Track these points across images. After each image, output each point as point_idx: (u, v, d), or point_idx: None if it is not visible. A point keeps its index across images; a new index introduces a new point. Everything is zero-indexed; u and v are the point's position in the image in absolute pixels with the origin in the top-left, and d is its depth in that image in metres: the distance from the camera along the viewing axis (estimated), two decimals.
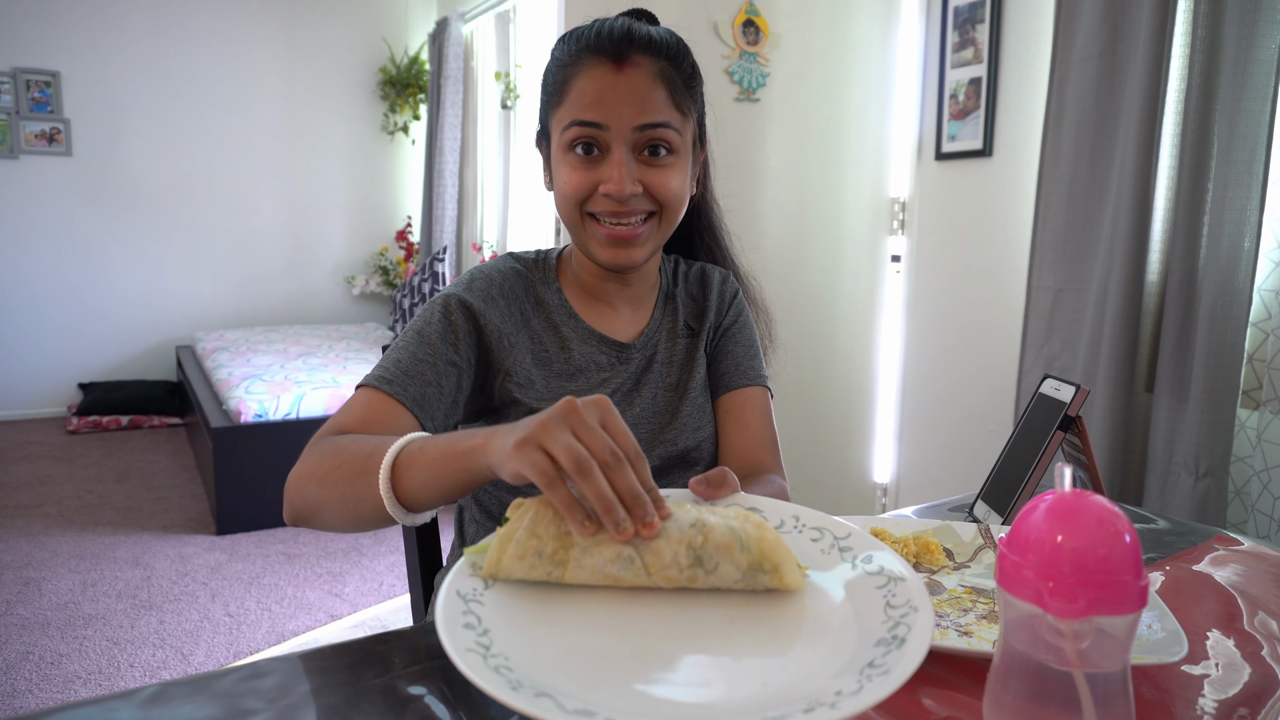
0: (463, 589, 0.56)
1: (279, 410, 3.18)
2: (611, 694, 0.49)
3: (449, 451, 0.68)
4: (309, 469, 0.78)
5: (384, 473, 0.71)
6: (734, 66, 2.52)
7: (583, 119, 0.90)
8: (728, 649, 0.54)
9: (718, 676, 0.51)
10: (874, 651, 0.51)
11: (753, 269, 1.23)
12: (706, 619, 0.57)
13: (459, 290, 0.95)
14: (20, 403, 4.42)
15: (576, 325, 1.01)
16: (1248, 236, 1.63)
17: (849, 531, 0.64)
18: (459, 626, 0.52)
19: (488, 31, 4.23)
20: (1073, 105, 1.94)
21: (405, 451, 0.71)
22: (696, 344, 1.07)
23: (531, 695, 0.46)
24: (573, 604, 0.58)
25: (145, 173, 4.54)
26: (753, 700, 0.48)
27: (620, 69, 0.90)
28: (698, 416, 1.04)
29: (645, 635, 0.55)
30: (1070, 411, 0.92)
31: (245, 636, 2.28)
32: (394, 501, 0.71)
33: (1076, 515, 0.45)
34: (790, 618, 0.57)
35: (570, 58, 0.92)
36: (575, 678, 0.50)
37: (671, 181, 0.93)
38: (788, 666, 0.52)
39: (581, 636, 0.55)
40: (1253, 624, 0.71)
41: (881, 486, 2.81)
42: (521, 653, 0.51)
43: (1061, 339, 1.99)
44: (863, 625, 0.55)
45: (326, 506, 0.77)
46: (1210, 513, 1.66)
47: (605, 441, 0.58)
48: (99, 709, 0.53)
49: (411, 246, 5.08)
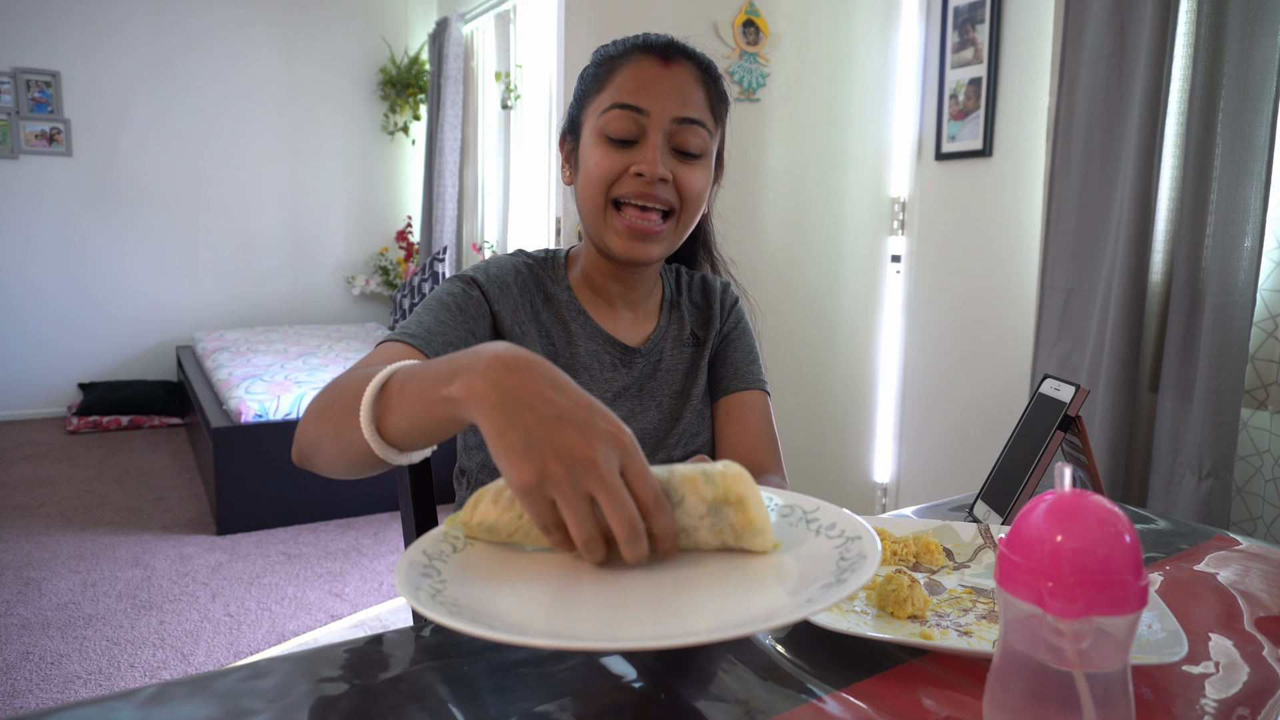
0: (430, 549, 0.60)
1: (279, 410, 3.18)
2: (548, 622, 0.52)
3: (430, 395, 0.60)
4: (316, 407, 0.74)
5: (365, 412, 0.65)
6: (734, 66, 2.52)
7: (625, 102, 0.92)
8: (676, 593, 0.55)
9: (650, 611, 0.53)
10: (815, 590, 0.53)
11: (740, 262, 1.25)
12: (663, 572, 0.58)
13: (475, 273, 0.97)
14: (20, 403, 4.42)
15: (585, 322, 1.02)
16: (1250, 236, 1.63)
17: (817, 505, 0.66)
18: (418, 574, 0.56)
19: (488, 31, 4.23)
20: (1083, 105, 1.94)
21: (389, 386, 0.65)
22: (701, 352, 1.09)
23: (469, 620, 0.49)
24: (532, 564, 0.60)
25: (145, 173, 4.54)
26: (678, 628, 0.50)
27: (667, 65, 0.94)
28: (698, 424, 1.06)
29: (596, 586, 0.57)
30: (1070, 411, 0.92)
31: (245, 636, 2.28)
32: (379, 439, 0.65)
33: (1076, 515, 0.45)
34: (746, 570, 0.58)
35: (616, 51, 0.96)
36: (517, 612, 0.53)
37: (696, 181, 0.95)
38: (726, 605, 0.53)
39: (532, 589, 0.57)
40: (1253, 624, 0.71)
41: (881, 486, 2.81)
42: (470, 595, 0.55)
43: (1073, 338, 2.00)
44: (815, 571, 0.56)
45: (324, 443, 0.72)
46: (1214, 513, 1.66)
47: (627, 513, 0.53)
48: (99, 709, 0.53)
49: (411, 246, 5.08)
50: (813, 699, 0.56)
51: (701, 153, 0.96)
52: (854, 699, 0.56)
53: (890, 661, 0.61)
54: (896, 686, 0.58)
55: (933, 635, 0.63)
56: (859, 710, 0.55)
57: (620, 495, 0.52)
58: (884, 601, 0.67)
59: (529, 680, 0.56)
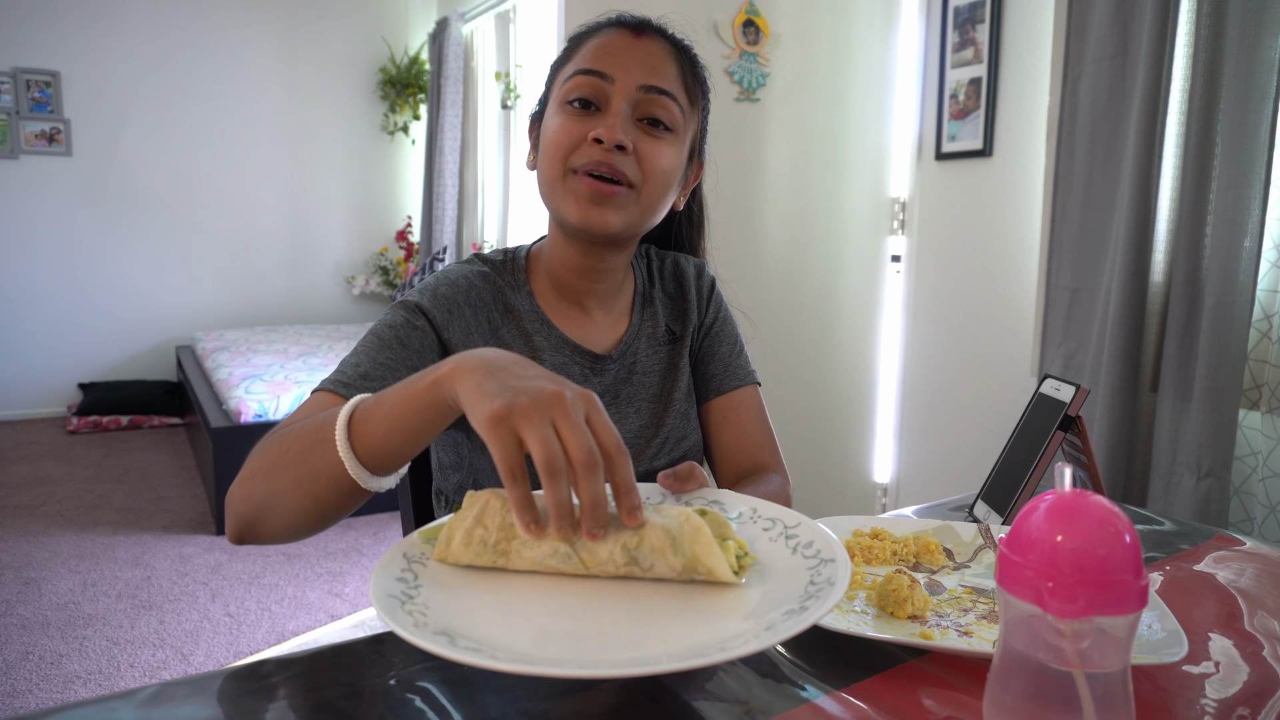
0: (410, 552, 0.62)
1: (279, 410, 3.18)
2: (508, 639, 0.52)
3: (409, 390, 0.62)
4: (253, 469, 0.71)
5: (339, 432, 0.64)
6: (734, 66, 2.52)
7: (589, 68, 0.88)
8: (641, 615, 0.56)
9: (618, 634, 0.54)
10: (777, 617, 0.53)
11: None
12: (634, 592, 0.59)
13: (422, 299, 0.89)
14: (20, 403, 4.42)
15: (549, 333, 0.95)
16: (1250, 236, 1.63)
17: (799, 521, 0.67)
18: (393, 579, 0.57)
19: (488, 31, 4.23)
20: (1086, 105, 1.94)
21: (360, 408, 0.65)
22: (680, 350, 1.03)
23: (430, 634, 0.50)
24: (510, 580, 0.61)
25: (145, 173, 4.54)
26: (646, 655, 0.51)
27: (638, 37, 0.90)
28: (683, 427, 1.01)
29: (566, 603, 0.58)
30: (1070, 411, 0.92)
31: (245, 636, 2.28)
32: (355, 462, 0.64)
33: (1076, 515, 0.45)
34: (717, 597, 0.59)
35: (587, 29, 0.93)
36: (481, 627, 0.54)
37: (662, 157, 0.89)
38: (693, 631, 0.54)
39: (505, 601, 0.58)
40: (1253, 624, 0.71)
41: (881, 486, 2.81)
42: (440, 603, 0.56)
43: (1078, 338, 2.00)
44: (782, 597, 0.57)
45: (278, 497, 0.68)
46: (1212, 513, 1.66)
47: (586, 441, 0.54)
48: (99, 709, 0.53)
49: (411, 246, 5.08)
50: (813, 699, 0.56)
51: (672, 127, 0.89)
52: (854, 699, 0.56)
53: (890, 661, 0.61)
54: (896, 686, 0.58)
55: (933, 635, 0.63)
56: (859, 710, 0.55)
57: (581, 428, 0.55)
58: (884, 601, 0.67)
59: (528, 680, 0.56)
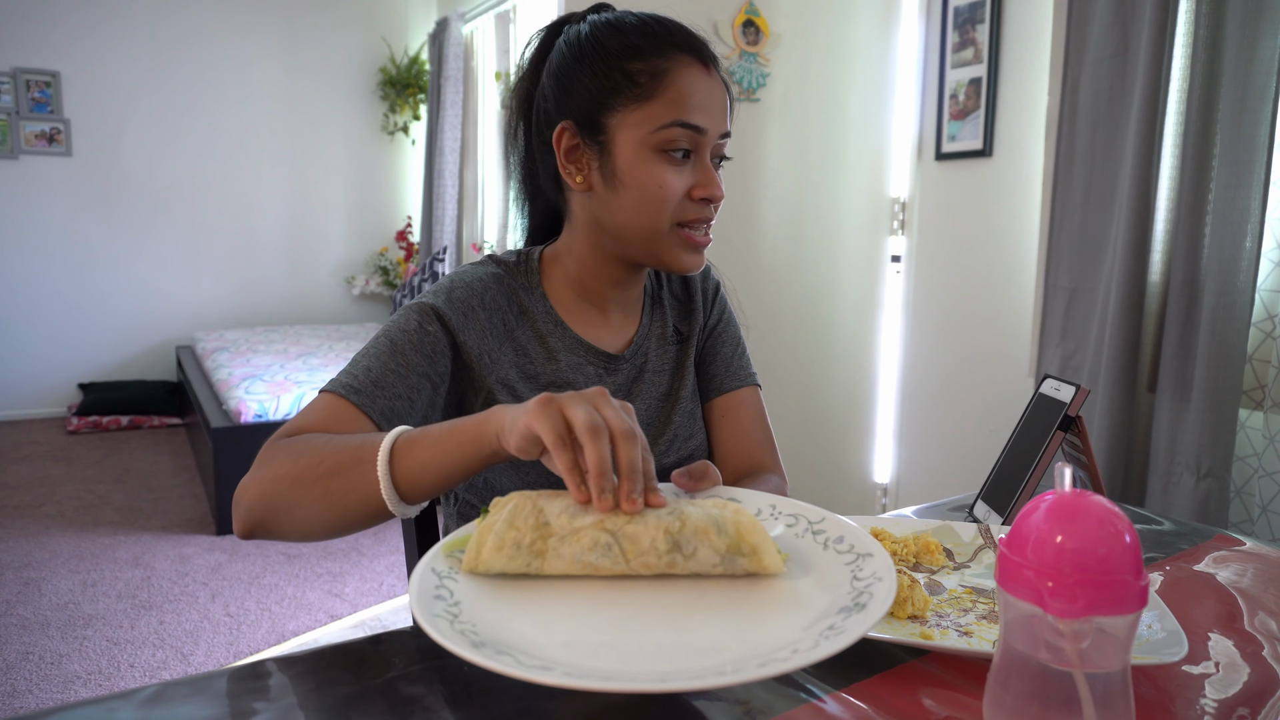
0: (438, 568, 0.59)
1: (279, 410, 3.18)
2: (571, 655, 0.50)
3: (453, 427, 0.68)
4: (277, 473, 0.72)
5: (382, 456, 0.68)
6: (734, 66, 2.51)
7: (689, 122, 0.85)
8: (692, 619, 0.55)
9: (677, 642, 0.53)
10: (835, 618, 0.53)
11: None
12: (679, 596, 0.58)
13: (437, 301, 0.88)
14: (20, 403, 4.42)
15: (564, 334, 0.96)
16: (1249, 236, 1.63)
17: (823, 516, 0.66)
18: (430, 597, 0.54)
19: (488, 32, 4.23)
20: (1086, 105, 1.94)
21: (404, 437, 0.69)
22: (687, 349, 1.05)
23: (494, 653, 0.48)
24: (546, 586, 0.59)
25: (145, 173, 4.54)
26: (708, 666, 0.49)
27: (709, 72, 0.89)
28: (689, 425, 1.02)
29: (614, 610, 0.56)
30: (1070, 411, 0.92)
31: (245, 636, 2.28)
32: (391, 487, 0.68)
33: (1076, 515, 0.45)
34: (761, 596, 0.58)
35: (654, 48, 0.87)
36: (539, 643, 0.52)
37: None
38: (749, 636, 0.53)
39: (550, 612, 0.56)
40: (1253, 624, 0.71)
41: (881, 486, 2.81)
42: (487, 620, 0.53)
43: (1076, 338, 2.00)
44: (831, 597, 0.56)
45: (302, 506, 0.71)
46: (1212, 513, 1.66)
47: (624, 419, 0.61)
48: (99, 709, 0.53)
49: (411, 246, 5.08)
50: (813, 699, 0.56)
51: None
52: (854, 699, 0.56)
53: (890, 661, 0.61)
54: (896, 686, 0.58)
55: (933, 635, 0.63)
56: (859, 710, 0.55)
57: (618, 412, 0.62)
58: None
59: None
